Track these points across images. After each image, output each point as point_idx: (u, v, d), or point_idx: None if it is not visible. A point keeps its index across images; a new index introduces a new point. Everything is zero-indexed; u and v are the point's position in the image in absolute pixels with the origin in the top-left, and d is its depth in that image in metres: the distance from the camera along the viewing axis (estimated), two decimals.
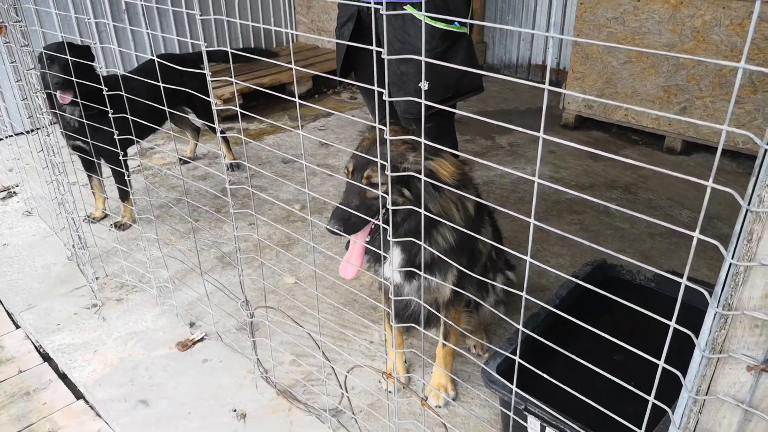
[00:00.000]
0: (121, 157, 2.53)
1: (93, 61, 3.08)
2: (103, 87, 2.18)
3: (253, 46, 4.20)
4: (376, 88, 1.22)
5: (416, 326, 1.78)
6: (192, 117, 4.15)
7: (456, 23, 2.28)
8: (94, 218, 3.50)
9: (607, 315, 2.08)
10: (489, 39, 6.26)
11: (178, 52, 5.36)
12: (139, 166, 4.19)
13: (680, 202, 3.66)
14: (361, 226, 1.74)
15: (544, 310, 2.12)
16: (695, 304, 1.31)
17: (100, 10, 4.92)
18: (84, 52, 2.91)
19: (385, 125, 1.27)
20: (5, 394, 2.53)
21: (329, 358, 2.34)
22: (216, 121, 1.86)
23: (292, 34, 6.62)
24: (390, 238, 1.43)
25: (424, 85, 2.35)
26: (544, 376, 1.26)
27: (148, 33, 4.76)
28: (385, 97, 1.23)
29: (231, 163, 4.16)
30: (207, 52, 3.97)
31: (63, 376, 2.56)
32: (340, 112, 4.72)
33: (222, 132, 4.07)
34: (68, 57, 2.38)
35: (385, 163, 1.32)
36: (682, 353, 1.11)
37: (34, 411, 2.44)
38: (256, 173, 3.97)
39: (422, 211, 1.36)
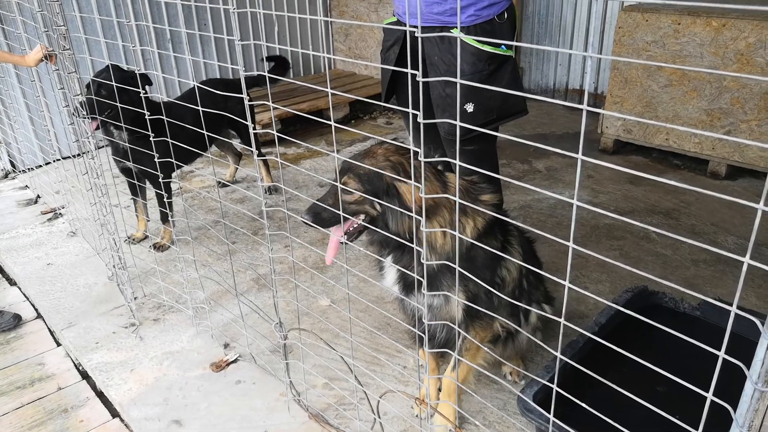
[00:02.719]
0: (163, 180, 2.59)
1: (145, 85, 3.19)
2: (144, 111, 2.25)
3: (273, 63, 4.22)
4: (410, 110, 1.22)
5: (448, 350, 1.75)
6: (235, 142, 4.24)
7: (503, 46, 2.28)
8: (135, 239, 3.59)
9: (648, 343, 2.01)
10: (526, 64, 6.24)
11: (219, 77, 5.51)
12: (179, 188, 4.29)
13: (725, 228, 3.54)
14: (331, 222, 1.82)
15: (583, 338, 2.05)
16: (744, 334, 1.25)
17: (146, 38, 5.11)
18: (130, 77, 3.01)
19: (421, 147, 1.27)
20: (44, 410, 2.58)
21: (362, 382, 2.32)
22: (253, 144, 1.89)
23: (330, 59, 6.75)
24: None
25: (468, 107, 2.36)
26: (583, 405, 1.21)
27: (189, 59, 4.91)
28: (420, 119, 1.23)
29: (269, 186, 4.22)
30: (250, 77, 4.07)
31: (100, 394, 2.60)
32: (376, 137, 4.74)
33: (261, 156, 4.15)
34: (112, 83, 2.46)
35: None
36: (729, 386, 1.05)
37: (71, 428, 2.48)
38: (293, 196, 4.01)
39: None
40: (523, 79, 6.30)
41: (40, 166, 4.61)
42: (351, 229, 1.86)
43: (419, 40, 2.30)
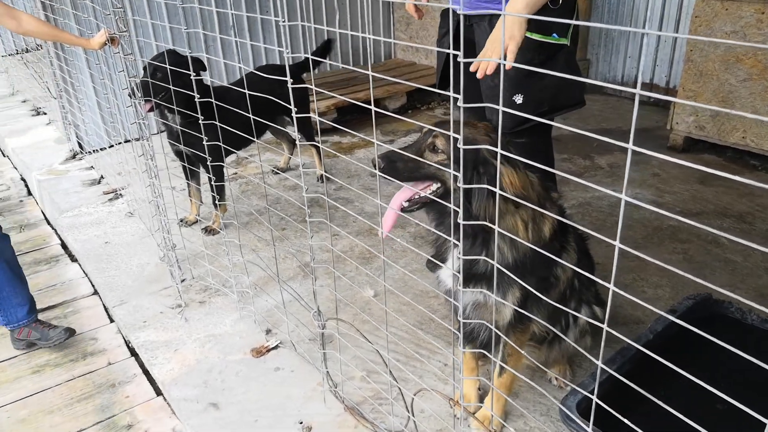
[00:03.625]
0: (211, 164, 2.61)
1: (198, 70, 3.22)
2: (195, 95, 2.25)
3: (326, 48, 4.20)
4: (451, 94, 1.14)
5: (485, 352, 1.66)
6: (290, 129, 4.25)
7: (554, 35, 2.15)
8: (187, 222, 3.65)
9: (711, 356, 1.85)
10: (593, 56, 5.98)
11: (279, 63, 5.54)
12: (235, 174, 4.35)
13: None
14: (402, 175, 1.65)
15: (639, 341, 1.92)
16: None
17: (209, 24, 5.20)
18: (185, 62, 3.05)
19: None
20: (93, 384, 2.66)
21: (400, 378, 2.26)
22: (296, 129, 1.85)
23: (390, 49, 6.69)
24: (461, 221, 1.33)
25: (517, 99, 2.24)
26: (625, 421, 1.10)
27: (251, 45, 4.96)
28: (460, 103, 1.15)
29: (320, 175, 4.21)
30: (301, 62, 4.03)
31: (146, 372, 2.66)
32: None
33: (314, 143, 4.15)
34: (166, 66, 2.48)
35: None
36: None
37: (117, 403, 2.55)
38: (344, 186, 3.99)
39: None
40: (589, 71, 6.03)
41: (105, 148, 4.77)
42: (416, 197, 1.71)
43: (477, 27, 2.19)
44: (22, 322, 2.78)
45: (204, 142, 2.35)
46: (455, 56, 1.13)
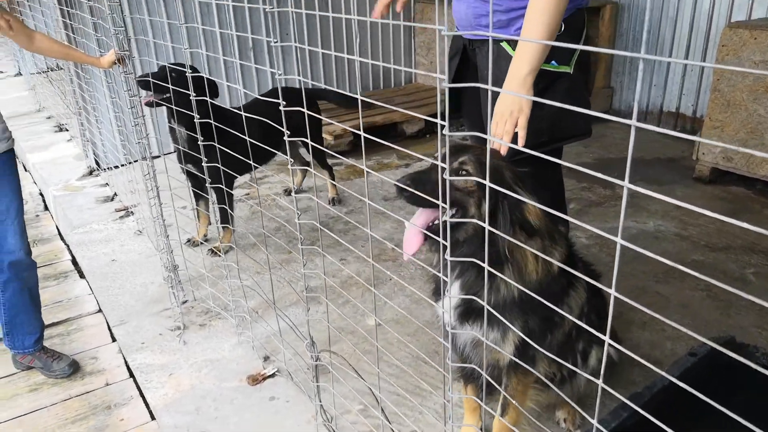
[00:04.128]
0: (218, 187, 2.56)
1: (214, 96, 3.21)
2: (194, 114, 2.21)
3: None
4: (438, 121, 1.06)
5: (477, 399, 1.54)
6: (303, 151, 4.22)
7: (553, 62, 2.04)
8: (194, 243, 3.61)
9: (735, 405, 1.70)
10: (616, 83, 5.86)
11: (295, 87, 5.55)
12: (246, 194, 4.32)
13: None
14: (423, 202, 1.49)
15: (650, 391, 1.78)
16: None
17: (229, 48, 5.24)
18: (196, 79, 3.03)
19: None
20: (89, 405, 2.59)
21: (399, 413, 2.14)
22: (305, 153, 1.79)
23: (412, 74, 6.66)
24: (447, 257, 1.24)
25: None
26: None
27: (269, 70, 4.97)
28: (446, 132, 1.08)
29: (332, 198, 4.16)
30: (318, 90, 4.00)
31: (143, 395, 2.58)
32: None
33: (327, 167, 4.10)
34: (181, 75, 2.44)
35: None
36: None
37: (111, 426, 2.47)
38: (356, 209, 3.92)
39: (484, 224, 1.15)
40: (612, 99, 5.91)
41: (118, 166, 4.79)
42: (434, 223, 1.59)
43: (479, 51, 2.10)
44: (28, 350, 2.73)
45: (204, 164, 2.30)
46: (441, 80, 1.05)
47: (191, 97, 2.18)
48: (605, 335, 0.91)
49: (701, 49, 5.07)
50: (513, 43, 2.01)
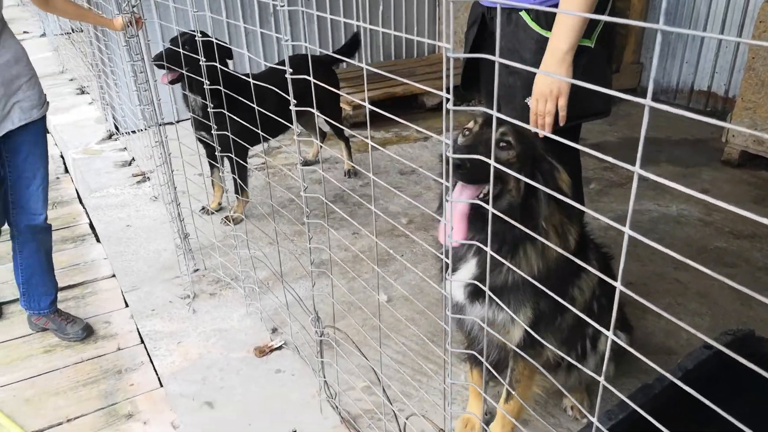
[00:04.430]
0: (235, 155, 2.52)
1: (227, 58, 3.15)
2: (204, 80, 2.17)
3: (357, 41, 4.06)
4: (443, 94, 1.00)
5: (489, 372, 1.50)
6: (320, 121, 4.16)
7: None
8: (209, 210, 3.60)
9: (748, 401, 1.64)
10: (646, 59, 5.66)
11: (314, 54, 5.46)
12: (263, 164, 4.28)
13: None
14: (479, 176, 1.41)
15: (661, 383, 1.72)
16: None
17: (249, 13, 5.15)
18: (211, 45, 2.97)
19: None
20: (100, 369, 2.63)
21: (404, 392, 2.13)
22: (316, 125, 1.74)
23: (436, 38, 6.52)
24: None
25: (530, 102, 2.05)
26: None
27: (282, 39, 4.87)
28: (450, 105, 1.02)
29: (349, 170, 4.11)
30: (330, 58, 3.89)
31: (152, 361, 2.61)
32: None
33: (344, 137, 4.04)
34: (195, 43, 2.38)
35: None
36: None
37: (121, 390, 2.50)
38: (371, 182, 3.87)
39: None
40: (641, 76, 5.71)
41: (135, 131, 4.79)
42: (481, 197, 1.49)
43: (491, 20, 1.99)
44: (43, 311, 2.78)
45: (214, 132, 2.26)
46: (445, 49, 0.99)
47: (201, 63, 2.12)
48: (610, 329, 0.85)
49: (737, 25, 4.85)
50: (533, 14, 1.92)
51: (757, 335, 1.94)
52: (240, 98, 2.26)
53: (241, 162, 3.05)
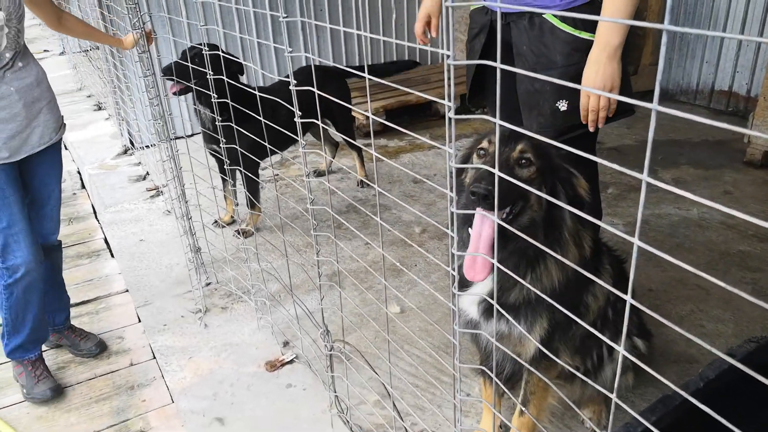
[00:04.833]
0: (245, 168, 2.51)
1: (236, 72, 3.15)
2: (212, 94, 2.16)
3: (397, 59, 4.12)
4: (445, 102, 0.96)
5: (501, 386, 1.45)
6: (332, 131, 4.15)
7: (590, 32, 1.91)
8: (222, 223, 3.60)
9: None
10: (665, 59, 5.54)
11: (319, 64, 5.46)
12: (276, 175, 4.28)
13: None
14: (505, 202, 1.40)
15: (684, 391, 1.65)
16: None
17: (262, 26, 5.17)
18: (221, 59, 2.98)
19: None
20: (113, 385, 2.62)
21: (416, 405, 2.08)
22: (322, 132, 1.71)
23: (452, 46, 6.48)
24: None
25: (561, 105, 2.01)
26: None
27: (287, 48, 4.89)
28: (451, 114, 0.97)
29: (361, 180, 4.08)
30: (341, 68, 3.87)
31: (164, 377, 2.59)
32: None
33: (356, 147, 4.01)
34: (204, 57, 2.39)
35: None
36: None
37: (133, 407, 2.49)
38: (385, 191, 3.83)
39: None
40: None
41: (149, 146, 4.83)
42: (504, 215, 1.44)
43: (514, 27, 1.96)
44: (57, 327, 2.79)
45: (222, 146, 2.25)
46: (446, 56, 0.95)
47: (208, 77, 2.11)
48: (621, 343, 0.80)
49: (759, 22, 4.74)
50: (558, 16, 1.88)
51: None
52: (250, 112, 2.25)
53: (252, 176, 3.04)
